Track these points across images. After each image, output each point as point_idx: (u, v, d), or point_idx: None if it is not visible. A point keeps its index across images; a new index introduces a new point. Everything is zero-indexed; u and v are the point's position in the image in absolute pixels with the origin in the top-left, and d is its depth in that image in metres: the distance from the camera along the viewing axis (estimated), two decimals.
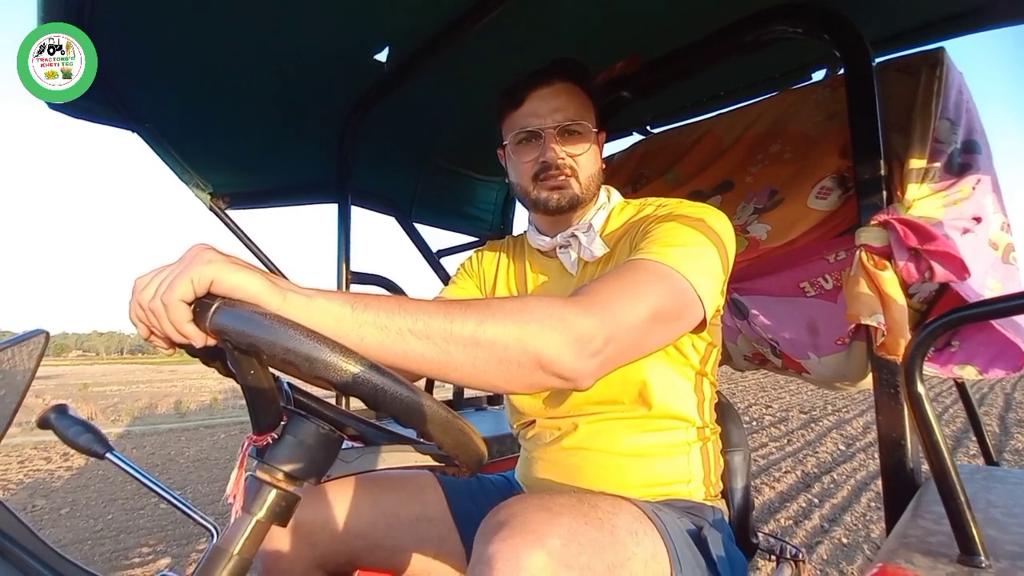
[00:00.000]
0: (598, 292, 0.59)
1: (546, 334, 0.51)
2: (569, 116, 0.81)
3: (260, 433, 0.51)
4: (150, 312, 0.45)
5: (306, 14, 1.15)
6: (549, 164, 0.81)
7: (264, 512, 0.50)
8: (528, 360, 0.50)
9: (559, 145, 0.81)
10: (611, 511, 0.60)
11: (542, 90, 0.82)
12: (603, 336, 0.54)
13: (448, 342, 0.48)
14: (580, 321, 0.53)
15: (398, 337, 0.47)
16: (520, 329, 0.50)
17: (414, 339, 0.47)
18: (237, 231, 1.62)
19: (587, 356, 0.53)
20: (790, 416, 7.28)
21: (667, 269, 0.64)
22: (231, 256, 0.45)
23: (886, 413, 0.89)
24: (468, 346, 0.49)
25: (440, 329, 0.48)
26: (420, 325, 0.47)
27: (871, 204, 0.93)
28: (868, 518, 3.30)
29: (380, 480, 0.86)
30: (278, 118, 1.52)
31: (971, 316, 0.56)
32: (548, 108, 0.82)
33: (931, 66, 1.01)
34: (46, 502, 4.33)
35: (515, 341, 0.50)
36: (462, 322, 0.49)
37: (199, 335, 0.45)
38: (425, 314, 0.48)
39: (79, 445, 0.60)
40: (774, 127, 1.24)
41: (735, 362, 1.42)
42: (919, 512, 0.70)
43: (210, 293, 0.44)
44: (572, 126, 0.82)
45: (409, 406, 0.44)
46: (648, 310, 0.59)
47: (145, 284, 0.45)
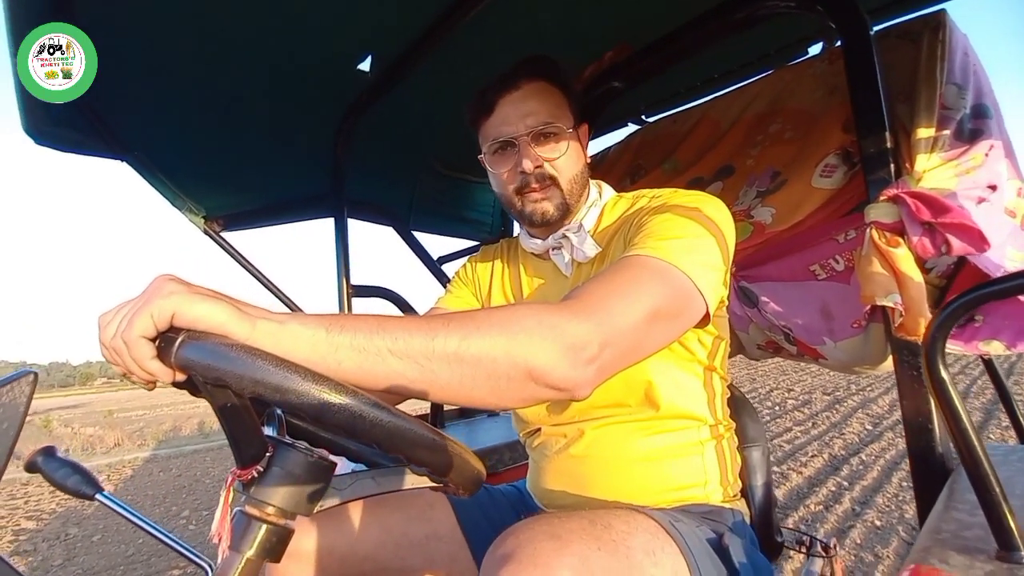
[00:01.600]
0: (590, 294, 0.55)
1: (536, 344, 0.47)
2: (542, 119, 0.78)
3: (244, 467, 0.48)
4: (113, 351, 0.43)
5: (287, 31, 1.14)
6: (528, 174, 0.78)
7: (255, 549, 0.47)
8: (518, 373, 0.47)
9: (535, 151, 0.78)
10: (626, 531, 0.57)
11: (511, 95, 0.78)
12: (598, 342, 0.51)
13: (431, 360, 0.45)
14: (572, 327, 0.50)
15: (377, 359, 0.44)
16: (507, 341, 0.47)
17: (395, 359, 0.45)
18: (234, 253, 1.60)
19: (582, 364, 0.50)
20: (813, 398, 7.15)
21: (663, 264, 0.60)
22: (195, 286, 0.43)
23: (910, 397, 0.85)
24: (452, 363, 0.46)
25: (421, 347, 0.45)
26: (400, 344, 0.45)
27: (879, 179, 0.88)
28: (900, 498, 3.22)
29: (386, 500, 0.83)
30: (267, 136, 1.51)
31: (996, 292, 0.52)
32: (519, 114, 0.78)
33: (933, 30, 0.96)
34: (78, 530, 4.40)
35: (503, 354, 0.47)
36: (444, 338, 0.46)
37: (165, 371, 0.42)
38: (405, 332, 0.45)
39: (68, 488, 0.58)
40: (772, 106, 1.20)
41: (748, 352, 1.38)
42: (952, 502, 0.66)
43: (173, 327, 0.42)
44: (546, 129, 0.78)
45: (392, 432, 0.42)
46: (645, 310, 0.55)
47: (107, 322, 0.43)
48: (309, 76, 1.31)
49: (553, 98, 0.80)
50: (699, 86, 1.49)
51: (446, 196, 2.01)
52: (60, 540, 4.18)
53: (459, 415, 2.04)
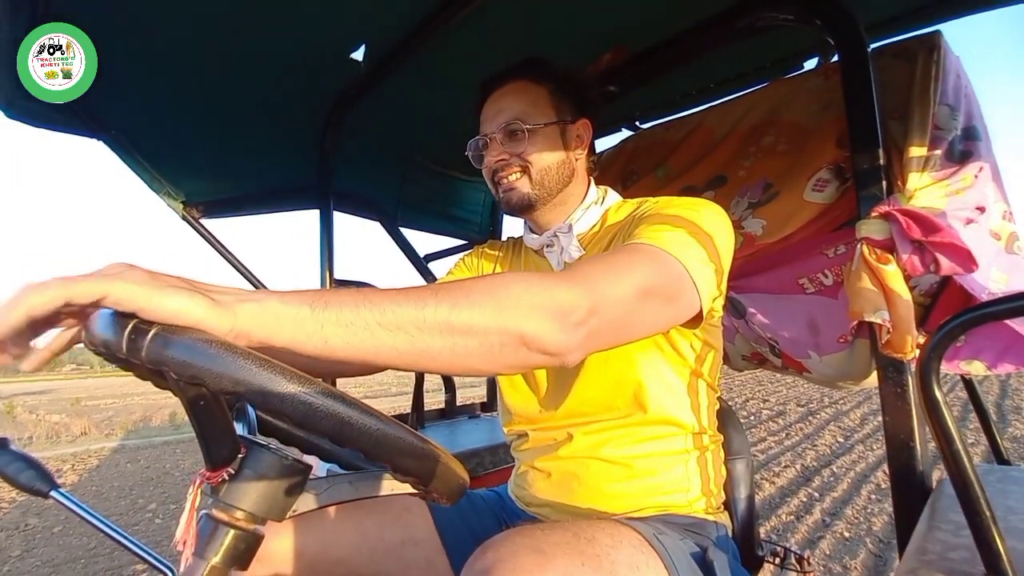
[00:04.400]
0: (580, 268, 0.57)
1: (525, 309, 0.47)
2: (511, 116, 0.81)
3: (215, 468, 0.45)
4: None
5: (278, 13, 1.10)
6: (493, 166, 0.83)
7: (220, 556, 0.44)
8: (510, 339, 0.46)
9: (502, 146, 0.82)
10: (610, 544, 0.56)
11: (493, 95, 0.84)
12: (586, 307, 0.50)
13: (422, 331, 0.43)
14: (561, 292, 0.50)
15: (366, 333, 0.42)
16: (497, 307, 0.46)
17: (384, 332, 0.42)
18: (213, 241, 1.55)
19: (571, 328, 0.49)
20: (787, 409, 7.27)
21: (657, 250, 0.61)
22: (160, 275, 0.38)
23: (894, 414, 0.85)
24: (444, 333, 0.44)
25: (411, 318, 0.43)
26: (389, 316, 0.42)
27: (871, 195, 0.89)
28: (869, 511, 3.28)
29: (362, 503, 0.80)
30: (254, 122, 1.46)
31: (992, 314, 0.52)
32: (494, 112, 0.83)
33: (928, 50, 0.97)
34: (39, 520, 4.24)
35: (494, 321, 0.46)
36: (435, 308, 0.44)
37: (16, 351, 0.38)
38: (394, 303, 0.43)
39: (20, 483, 0.54)
40: (767, 118, 1.20)
41: (733, 362, 1.38)
42: (936, 522, 0.66)
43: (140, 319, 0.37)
44: (511, 126, 0.81)
45: (379, 440, 0.39)
46: (635, 285, 0.56)
47: (41, 287, 0.36)
48: (300, 62, 1.27)
49: (529, 95, 0.83)
50: (694, 94, 1.49)
51: (436, 193, 1.98)
52: (19, 530, 4.02)
53: (440, 416, 2.01)
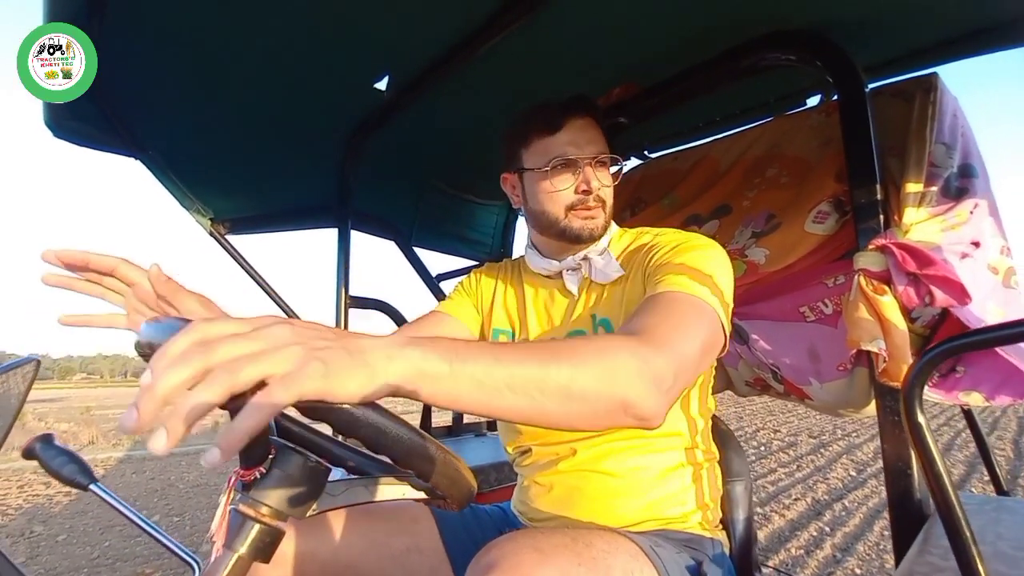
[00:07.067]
0: (656, 327, 0.59)
1: (633, 380, 0.50)
2: (602, 148, 0.85)
3: (248, 467, 0.49)
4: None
5: (307, 43, 1.17)
6: (589, 193, 0.83)
7: (246, 548, 0.48)
8: (615, 406, 0.49)
9: (596, 177, 0.84)
10: (607, 550, 0.59)
11: (578, 120, 0.84)
12: (672, 372, 0.54)
13: (543, 393, 0.46)
14: (656, 361, 0.53)
15: (495, 392, 0.44)
16: (609, 375, 0.49)
17: (510, 393, 0.45)
18: (237, 256, 1.62)
19: (662, 394, 0.53)
20: (799, 441, 7.14)
21: (702, 302, 0.66)
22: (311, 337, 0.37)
23: (891, 441, 0.87)
24: (562, 397, 0.47)
25: (536, 381, 0.45)
26: (517, 379, 0.45)
27: (868, 228, 0.92)
28: (882, 547, 3.21)
29: (371, 510, 0.84)
30: (279, 144, 1.54)
31: (973, 344, 0.55)
32: (585, 139, 0.84)
33: (925, 91, 1.02)
34: (44, 528, 4.27)
35: (606, 389, 0.49)
36: (556, 372, 0.46)
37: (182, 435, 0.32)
38: (520, 366, 0.45)
39: (63, 476, 0.59)
40: (770, 152, 1.25)
41: (737, 388, 1.40)
42: (927, 547, 0.68)
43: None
44: (603, 158, 0.85)
45: (410, 448, 0.43)
46: (700, 343, 0.61)
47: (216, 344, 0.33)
48: (325, 89, 1.34)
49: (601, 134, 0.88)
50: (701, 127, 1.54)
51: (449, 215, 2.04)
52: (24, 537, 4.05)
53: (447, 433, 2.03)
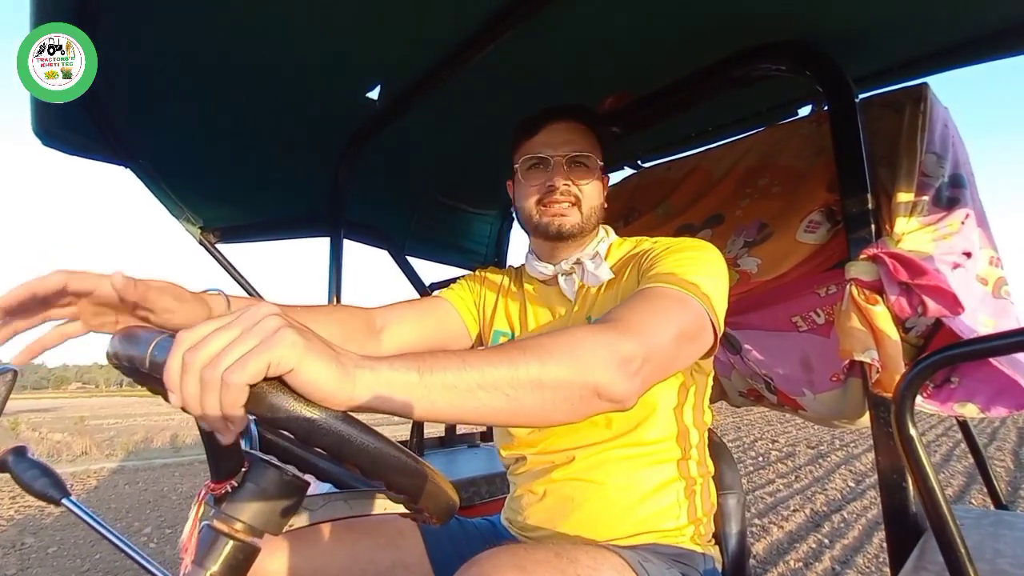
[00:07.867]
0: (628, 316, 0.61)
1: (599, 364, 0.52)
2: (577, 148, 0.87)
3: (219, 481, 0.48)
4: (203, 384, 0.35)
5: (300, 52, 1.17)
6: (554, 188, 0.85)
7: (219, 566, 0.46)
8: (588, 392, 0.51)
9: (565, 174, 0.86)
10: (591, 566, 0.57)
11: (557, 124, 0.88)
12: (641, 356, 0.56)
13: (516, 389, 0.47)
14: (622, 344, 0.55)
15: (469, 394, 0.45)
16: (577, 362, 0.51)
17: (484, 393, 0.46)
18: (227, 265, 1.61)
19: (631, 376, 0.54)
20: (797, 451, 7.10)
21: (681, 293, 0.68)
22: (306, 331, 0.39)
23: (885, 454, 0.86)
24: (535, 389, 0.48)
25: (507, 378, 0.47)
26: (488, 378, 0.46)
27: (860, 238, 0.92)
28: (882, 560, 3.17)
29: (355, 524, 0.82)
30: (271, 153, 1.53)
31: (963, 354, 0.54)
32: (559, 140, 0.87)
33: (915, 101, 1.02)
34: (35, 540, 4.21)
35: (576, 375, 0.50)
36: (526, 367, 0.47)
37: (243, 419, 0.37)
38: (490, 365, 0.46)
39: (34, 490, 0.57)
40: (762, 161, 1.25)
41: (731, 398, 1.38)
42: (922, 562, 0.66)
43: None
44: (579, 157, 0.87)
45: (375, 458, 0.42)
46: (674, 330, 0.62)
47: (199, 346, 0.36)
48: (317, 99, 1.34)
49: (590, 140, 0.90)
50: (694, 137, 1.55)
51: (443, 224, 2.03)
52: (15, 549, 3.99)
53: (439, 444, 2.01)
